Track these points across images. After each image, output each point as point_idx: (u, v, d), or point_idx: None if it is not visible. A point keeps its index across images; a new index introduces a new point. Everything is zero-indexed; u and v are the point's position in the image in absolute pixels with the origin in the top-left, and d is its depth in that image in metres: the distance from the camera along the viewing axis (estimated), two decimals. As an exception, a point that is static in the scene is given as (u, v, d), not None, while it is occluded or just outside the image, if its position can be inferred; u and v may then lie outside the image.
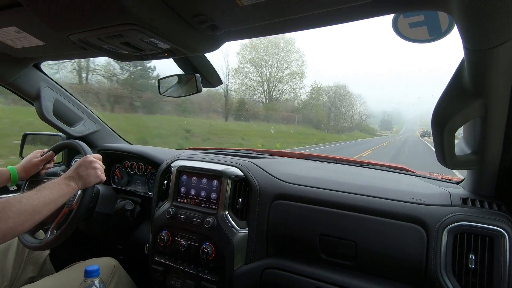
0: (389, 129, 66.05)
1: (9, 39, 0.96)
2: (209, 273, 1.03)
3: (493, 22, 0.45)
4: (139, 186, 1.48)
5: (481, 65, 0.55)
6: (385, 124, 68.36)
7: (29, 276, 1.18)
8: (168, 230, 1.11)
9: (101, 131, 1.62)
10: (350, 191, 0.98)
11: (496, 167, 0.82)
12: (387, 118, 72.69)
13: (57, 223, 1.04)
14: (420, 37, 0.66)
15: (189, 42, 0.77)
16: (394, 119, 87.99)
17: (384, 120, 69.64)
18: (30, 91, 1.32)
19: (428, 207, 0.87)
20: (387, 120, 71.56)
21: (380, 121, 65.22)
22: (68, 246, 1.24)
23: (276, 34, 0.79)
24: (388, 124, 69.55)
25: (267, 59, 29.34)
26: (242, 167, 1.09)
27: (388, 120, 71.92)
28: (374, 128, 53.99)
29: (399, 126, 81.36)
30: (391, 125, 71.96)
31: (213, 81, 1.09)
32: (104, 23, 0.64)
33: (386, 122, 69.88)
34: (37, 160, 1.18)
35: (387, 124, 68.66)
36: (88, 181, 0.96)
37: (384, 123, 68.25)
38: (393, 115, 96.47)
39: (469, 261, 0.77)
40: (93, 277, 0.79)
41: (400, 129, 73.64)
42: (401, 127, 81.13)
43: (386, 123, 69.13)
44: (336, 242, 0.93)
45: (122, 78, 13.92)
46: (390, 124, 70.94)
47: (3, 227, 0.68)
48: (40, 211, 0.78)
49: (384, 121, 69.32)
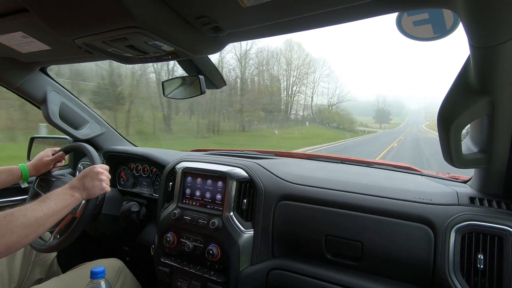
0: (385, 121, 53.49)
1: (16, 44, 0.97)
2: (215, 274, 1.03)
3: (499, 19, 0.44)
4: (144, 188, 1.49)
5: (487, 63, 0.54)
6: (381, 115, 55.53)
7: (37, 278, 1.19)
8: (173, 232, 1.11)
9: (106, 134, 1.64)
10: (355, 191, 0.97)
11: (504, 165, 0.81)
12: (385, 107, 58.22)
13: (60, 229, 1.05)
14: (425, 35, 0.66)
15: (192, 44, 0.77)
16: (394, 110, 72.34)
17: (380, 110, 56.33)
18: (37, 95, 1.34)
19: (435, 207, 0.86)
20: (384, 110, 57.60)
21: (375, 111, 53.35)
22: (74, 248, 1.25)
23: (279, 34, 0.79)
24: (385, 116, 56.14)
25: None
26: (246, 168, 1.09)
27: (386, 110, 58.07)
28: (353, 119, 37.19)
29: (400, 117, 66.56)
30: (388, 116, 58.20)
31: (217, 82, 1.09)
32: (108, 26, 0.64)
33: (383, 113, 56.48)
34: (48, 160, 1.20)
35: (383, 116, 55.62)
36: (92, 193, 0.96)
37: (380, 114, 55.68)
38: (394, 105, 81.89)
39: (478, 261, 0.76)
40: (99, 278, 0.80)
41: (401, 121, 61.30)
42: (402, 119, 68.40)
43: (382, 115, 55.87)
44: (342, 243, 0.92)
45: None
46: (387, 116, 57.70)
47: (7, 242, 0.68)
48: (44, 224, 0.78)
49: (380, 112, 56.17)
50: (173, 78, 1.09)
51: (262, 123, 23.47)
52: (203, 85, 1.01)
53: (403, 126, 46.46)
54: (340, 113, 35.60)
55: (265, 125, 23.84)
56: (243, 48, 24.07)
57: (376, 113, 54.90)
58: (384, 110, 57.41)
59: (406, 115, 79.77)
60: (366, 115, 48.36)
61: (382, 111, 57.75)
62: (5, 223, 0.69)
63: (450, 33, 0.64)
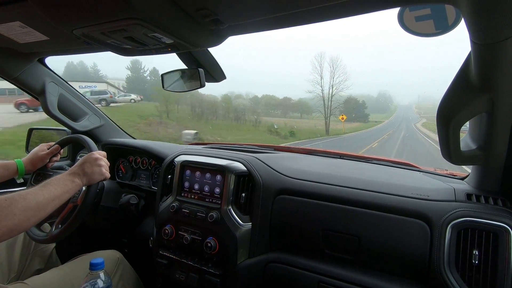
0: (363, 119, 35.98)
1: (14, 34, 0.96)
2: (212, 267, 1.04)
3: (502, 15, 0.44)
4: (143, 181, 1.49)
5: (489, 59, 0.54)
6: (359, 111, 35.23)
7: (36, 268, 1.20)
8: (172, 224, 1.12)
9: (105, 126, 1.63)
10: (353, 186, 0.98)
11: (501, 162, 0.81)
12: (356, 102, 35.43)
13: (61, 218, 1.06)
14: (427, 30, 0.65)
15: (192, 37, 0.76)
16: (380, 105, 51.68)
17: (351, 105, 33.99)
18: (35, 86, 1.33)
19: (432, 203, 0.86)
20: (359, 104, 36.35)
21: (344, 104, 32.08)
22: (73, 239, 1.25)
23: (280, 28, 0.78)
24: (360, 111, 36.30)
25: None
26: (245, 162, 1.09)
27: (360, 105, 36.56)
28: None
29: (387, 114, 46.84)
30: (366, 113, 37.73)
31: (217, 75, 1.08)
32: (107, 17, 0.64)
33: (356, 107, 34.80)
34: (43, 154, 1.19)
35: (359, 111, 35.79)
36: (92, 178, 0.97)
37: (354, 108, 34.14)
38: (379, 99, 65.17)
39: (473, 256, 0.77)
40: (98, 269, 0.80)
41: (385, 118, 43.04)
42: (388, 116, 48.48)
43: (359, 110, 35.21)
44: (339, 237, 0.93)
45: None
46: (363, 112, 36.78)
47: (9, 224, 0.69)
48: (45, 208, 0.78)
49: (355, 105, 34.80)
50: (172, 71, 1.08)
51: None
52: (203, 78, 1.00)
53: (387, 125, 33.07)
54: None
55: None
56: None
57: (345, 102, 35.69)
58: (357, 106, 37.43)
59: (396, 109, 63.09)
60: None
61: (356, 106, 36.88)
62: (6, 205, 0.70)
63: (451, 29, 0.63)
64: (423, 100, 52.24)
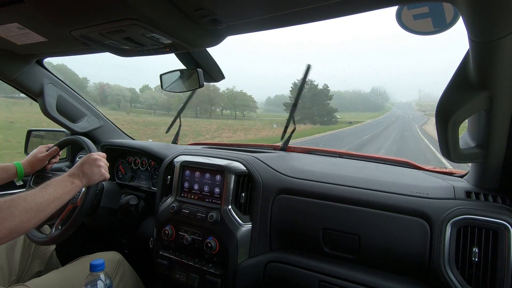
0: (320, 120, 25.37)
1: (12, 36, 0.96)
2: (213, 267, 1.04)
3: (500, 13, 0.44)
4: (142, 181, 1.49)
5: (487, 57, 0.54)
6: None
7: (36, 271, 1.20)
8: (172, 225, 1.12)
9: (104, 127, 1.63)
10: (353, 185, 0.98)
11: (500, 160, 0.81)
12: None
13: (61, 219, 1.06)
14: (425, 29, 0.65)
15: (190, 37, 0.76)
16: (370, 103, 41.09)
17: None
18: (33, 87, 1.33)
19: (432, 201, 0.86)
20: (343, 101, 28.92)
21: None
22: (73, 241, 1.25)
23: (278, 27, 0.78)
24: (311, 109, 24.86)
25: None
26: (245, 162, 1.09)
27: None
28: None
29: (379, 113, 36.05)
30: (329, 110, 26.32)
31: (215, 76, 1.08)
32: (105, 18, 0.63)
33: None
34: (42, 155, 1.19)
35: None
36: (92, 179, 0.97)
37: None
38: (369, 96, 50.55)
39: (473, 254, 0.77)
40: (98, 271, 0.80)
41: (372, 118, 32.52)
42: (377, 115, 36.70)
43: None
44: (339, 236, 0.93)
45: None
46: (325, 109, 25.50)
47: (9, 226, 0.69)
48: (45, 209, 0.78)
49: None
50: (171, 71, 1.08)
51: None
52: (202, 78, 1.00)
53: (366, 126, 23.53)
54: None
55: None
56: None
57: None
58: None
59: (391, 107, 57.47)
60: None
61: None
62: (6, 207, 0.70)
63: (449, 27, 0.63)
64: (426, 96, 47.41)
